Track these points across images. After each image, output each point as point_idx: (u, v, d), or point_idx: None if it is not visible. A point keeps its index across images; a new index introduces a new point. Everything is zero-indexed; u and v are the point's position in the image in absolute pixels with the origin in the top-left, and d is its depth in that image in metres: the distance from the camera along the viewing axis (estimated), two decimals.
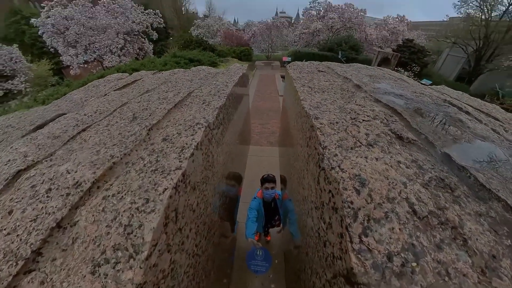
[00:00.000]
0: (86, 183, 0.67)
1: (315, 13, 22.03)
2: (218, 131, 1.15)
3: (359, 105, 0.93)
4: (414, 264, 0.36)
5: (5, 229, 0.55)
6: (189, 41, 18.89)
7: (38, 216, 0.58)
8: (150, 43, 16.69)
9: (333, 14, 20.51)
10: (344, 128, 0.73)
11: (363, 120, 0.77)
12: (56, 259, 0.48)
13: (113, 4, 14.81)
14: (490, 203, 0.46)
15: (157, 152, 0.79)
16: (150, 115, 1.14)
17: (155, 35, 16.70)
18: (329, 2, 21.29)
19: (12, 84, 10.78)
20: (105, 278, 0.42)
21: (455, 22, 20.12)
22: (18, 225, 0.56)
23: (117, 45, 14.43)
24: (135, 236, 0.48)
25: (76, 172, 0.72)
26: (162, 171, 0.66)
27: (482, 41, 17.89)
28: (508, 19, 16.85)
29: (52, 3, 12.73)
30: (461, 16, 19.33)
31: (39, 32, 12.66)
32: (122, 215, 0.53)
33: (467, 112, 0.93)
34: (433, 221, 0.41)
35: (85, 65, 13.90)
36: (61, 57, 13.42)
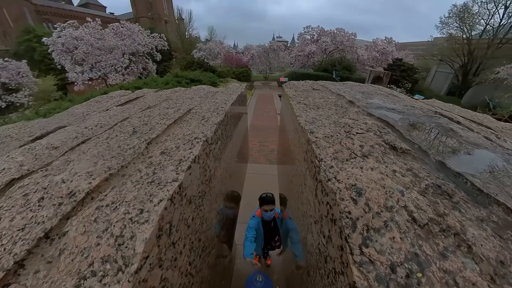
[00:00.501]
0: (80, 193, 0.66)
1: (309, 37, 23.49)
2: (216, 146, 1.16)
3: (353, 119, 0.97)
4: (419, 274, 0.34)
5: None
6: (191, 62, 19.78)
7: (27, 225, 0.56)
8: (154, 63, 17.43)
9: (326, 38, 21.90)
10: (339, 141, 0.75)
11: (357, 133, 0.79)
12: (40, 271, 0.46)
13: (122, 27, 15.73)
14: (490, 207, 0.46)
15: (155, 165, 0.79)
16: (150, 130, 1.15)
17: (159, 56, 17.51)
18: (321, 27, 22.80)
19: (15, 97, 10.97)
20: None
21: (439, 41, 21.49)
22: (4, 234, 0.54)
23: (122, 65, 15.03)
24: (126, 247, 0.46)
25: (71, 182, 0.71)
26: (158, 183, 0.65)
27: (466, 57, 19.05)
28: (487, 37, 18.11)
29: (64, 24, 13.49)
30: (444, 36, 20.64)
31: (49, 50, 13.22)
32: (114, 226, 0.51)
33: (458, 122, 0.96)
34: (434, 229, 0.41)
35: (89, 82, 14.31)
36: (67, 74, 13.86)
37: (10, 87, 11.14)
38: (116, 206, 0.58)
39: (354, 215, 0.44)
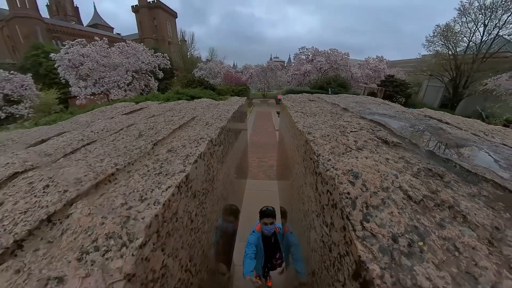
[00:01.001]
0: (86, 183, 0.66)
1: (305, 57, 24.64)
2: (219, 149, 1.19)
3: (347, 121, 1.04)
4: (420, 243, 0.36)
5: None
6: (192, 80, 20.45)
7: (30, 209, 0.56)
8: (156, 81, 17.98)
9: (320, 57, 23.00)
10: (334, 139, 0.80)
11: (351, 131, 0.85)
12: (39, 249, 0.46)
13: (127, 46, 16.47)
14: (479, 184, 0.49)
15: (162, 161, 0.81)
16: (155, 133, 1.18)
17: (161, 74, 18.12)
18: (316, 48, 24.03)
19: (16, 108, 11.05)
20: (91, 265, 0.39)
21: (427, 58, 22.58)
22: (6, 216, 0.54)
23: (125, 81, 15.47)
24: (131, 225, 0.47)
25: (77, 173, 0.72)
26: (166, 174, 0.67)
27: (454, 72, 20.09)
28: (471, 53, 19.31)
29: (73, 42, 14.09)
30: (431, 53, 21.87)
31: (55, 65, 13.64)
32: (120, 208, 0.52)
33: (447, 123, 1.01)
34: (429, 204, 0.43)
35: (92, 97, 14.57)
36: (70, 88, 14.16)
37: (12, 98, 11.27)
38: (124, 193, 0.59)
39: (353, 194, 0.47)
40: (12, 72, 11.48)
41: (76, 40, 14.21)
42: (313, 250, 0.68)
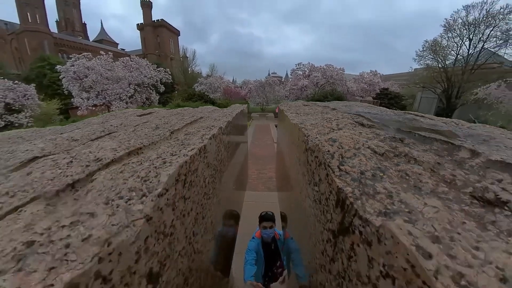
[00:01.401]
0: (107, 159, 0.70)
1: (301, 73, 25.40)
2: (226, 138, 1.28)
3: (333, 115, 1.24)
4: (381, 174, 0.49)
5: (22, 185, 0.56)
6: (192, 94, 20.94)
7: (56, 177, 0.60)
8: (157, 94, 18.36)
9: (316, 73, 23.67)
10: (321, 125, 0.97)
11: (335, 119, 1.04)
12: (67, 202, 0.49)
13: (131, 61, 17.02)
14: (432, 144, 0.63)
15: (181, 140, 0.90)
16: (171, 126, 1.25)
17: (162, 88, 18.54)
18: (312, 64, 24.89)
19: (16, 117, 11.07)
20: (117, 207, 0.44)
21: (419, 71, 23.64)
22: (35, 181, 0.57)
23: (127, 94, 15.77)
24: (150, 182, 0.53)
25: (98, 152, 0.76)
26: (188, 145, 0.77)
27: (446, 83, 21.01)
28: (460, 65, 20.44)
29: (79, 55, 14.53)
30: (422, 67, 22.94)
31: (60, 77, 13.94)
32: (141, 172, 0.57)
33: (423, 116, 1.12)
34: (390, 155, 0.58)
35: (93, 108, 14.73)
36: (72, 99, 14.38)
37: (14, 107, 11.35)
38: (143, 162, 0.64)
39: (332, 151, 0.62)
40: (16, 82, 11.68)
41: (82, 53, 14.71)
42: (308, 216, 0.74)
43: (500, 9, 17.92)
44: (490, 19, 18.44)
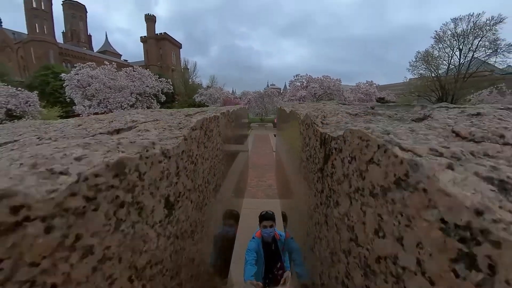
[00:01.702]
0: (140, 122, 0.86)
1: (299, 84, 25.80)
2: (230, 125, 1.45)
3: (325, 105, 1.39)
4: (352, 122, 0.65)
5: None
6: (192, 104, 21.33)
7: (103, 127, 0.75)
8: (158, 103, 18.65)
9: (314, 84, 23.85)
10: (311, 108, 1.14)
11: (323, 105, 1.20)
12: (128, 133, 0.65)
13: (134, 71, 17.46)
14: (396, 108, 0.82)
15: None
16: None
17: (163, 98, 18.87)
18: (309, 75, 25.23)
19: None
20: (163, 130, 0.63)
21: (413, 81, 24.50)
22: (90, 129, 0.73)
23: (128, 102, 16.03)
24: (184, 124, 0.69)
25: (132, 118, 0.92)
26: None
27: (440, 91, 21.79)
28: (452, 74, 21.44)
29: (84, 65, 14.92)
30: (416, 76, 23.86)
31: (64, 85, 14.22)
32: (173, 121, 0.74)
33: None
34: (361, 114, 0.75)
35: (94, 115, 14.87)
36: (74, 107, 14.57)
37: (15, 114, 11.48)
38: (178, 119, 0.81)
39: (316, 115, 0.81)
40: (19, 88, 11.91)
41: (87, 63, 15.14)
42: (305, 178, 0.87)
43: (486, 20, 19.15)
44: (477, 30, 19.54)
